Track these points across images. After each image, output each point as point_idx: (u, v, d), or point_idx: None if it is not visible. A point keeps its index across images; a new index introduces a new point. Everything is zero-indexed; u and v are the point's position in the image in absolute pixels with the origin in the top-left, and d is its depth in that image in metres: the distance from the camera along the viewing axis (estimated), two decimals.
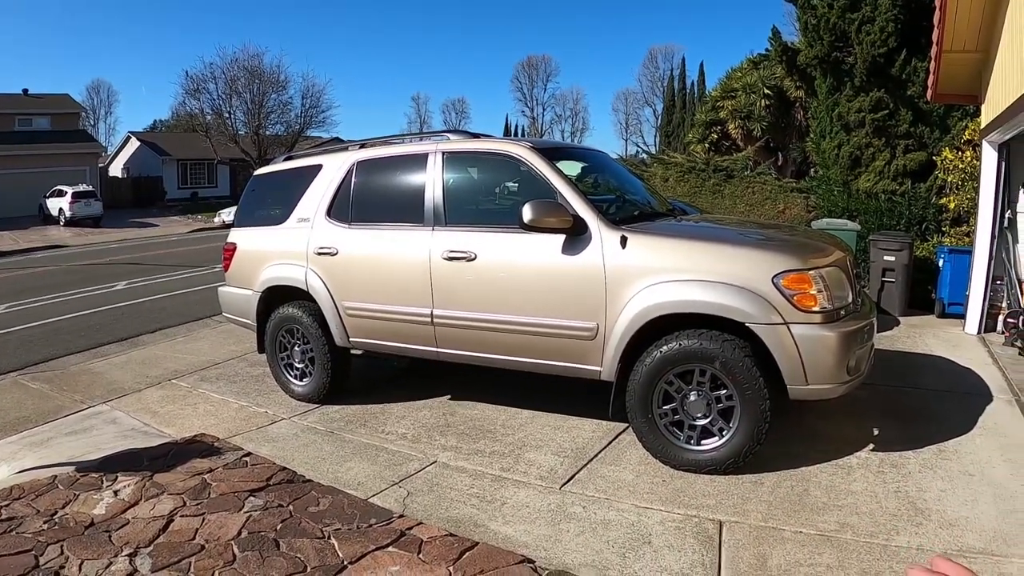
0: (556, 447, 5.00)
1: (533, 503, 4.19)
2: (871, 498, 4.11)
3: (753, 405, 4.25)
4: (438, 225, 5.34)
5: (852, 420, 5.37)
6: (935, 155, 10.57)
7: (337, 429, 5.58)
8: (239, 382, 7.08)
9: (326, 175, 6.13)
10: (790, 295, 4.15)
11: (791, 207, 12.87)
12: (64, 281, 16.41)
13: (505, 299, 5.00)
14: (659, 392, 4.50)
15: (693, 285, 4.32)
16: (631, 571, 3.44)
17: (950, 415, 5.44)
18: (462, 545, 3.64)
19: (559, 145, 6.35)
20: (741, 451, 4.33)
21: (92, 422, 6.09)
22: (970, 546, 3.57)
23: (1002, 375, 6.51)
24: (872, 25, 10.97)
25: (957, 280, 8.86)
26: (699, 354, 4.32)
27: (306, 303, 6.13)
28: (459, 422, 5.59)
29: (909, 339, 8.05)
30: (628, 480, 4.44)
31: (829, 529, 3.79)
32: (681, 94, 61.98)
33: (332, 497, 4.28)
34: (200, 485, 4.52)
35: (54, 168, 38.68)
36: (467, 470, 4.71)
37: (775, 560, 3.49)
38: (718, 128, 21.23)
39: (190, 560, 3.61)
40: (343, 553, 3.60)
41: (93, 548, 3.78)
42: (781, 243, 4.72)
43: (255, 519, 4.02)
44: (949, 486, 4.24)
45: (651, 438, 4.58)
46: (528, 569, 3.43)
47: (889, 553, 3.53)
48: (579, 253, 4.67)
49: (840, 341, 4.17)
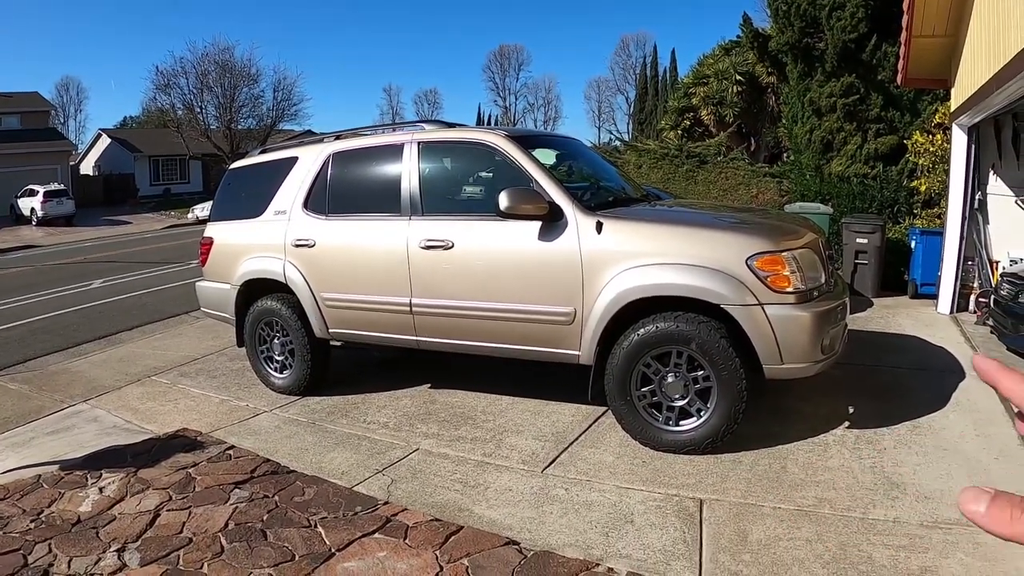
0: (537, 431, 5.06)
1: (516, 487, 4.25)
2: (847, 473, 4.20)
3: (730, 385, 4.32)
4: (415, 215, 5.37)
5: (828, 399, 5.45)
6: (906, 139, 10.70)
7: (319, 420, 5.60)
8: (219, 377, 7.08)
9: (302, 167, 6.14)
10: (764, 276, 4.22)
11: (764, 192, 13.00)
12: (38, 281, 16.27)
13: (483, 286, 5.04)
14: (637, 374, 4.56)
15: (668, 268, 4.38)
16: (614, 549, 3.50)
17: (924, 392, 5.52)
18: (447, 529, 3.70)
19: (533, 133, 6.39)
20: (719, 431, 4.41)
21: (73, 421, 6.07)
22: (946, 517, 3.63)
23: (974, 353, 6.55)
24: (843, 11, 11.07)
25: (929, 261, 8.98)
26: (676, 336, 4.38)
27: (285, 296, 6.13)
28: (440, 410, 5.64)
29: (883, 320, 8.18)
30: (609, 462, 4.51)
31: (807, 504, 3.86)
32: (653, 81, 62.04)
33: (317, 487, 4.32)
34: (185, 479, 4.54)
35: (25, 167, 38.12)
36: (449, 456, 4.76)
37: (755, 535, 3.57)
38: (691, 115, 21.26)
39: (178, 553, 3.64)
40: (330, 541, 3.65)
41: (81, 545, 3.79)
42: (754, 226, 4.80)
43: (241, 511, 4.05)
44: (924, 460, 4.32)
45: (631, 420, 4.65)
46: (513, 550, 3.49)
47: (866, 526, 3.61)
48: (555, 239, 4.72)
49: (814, 321, 4.25)
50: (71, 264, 19.66)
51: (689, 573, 3.28)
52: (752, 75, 19.68)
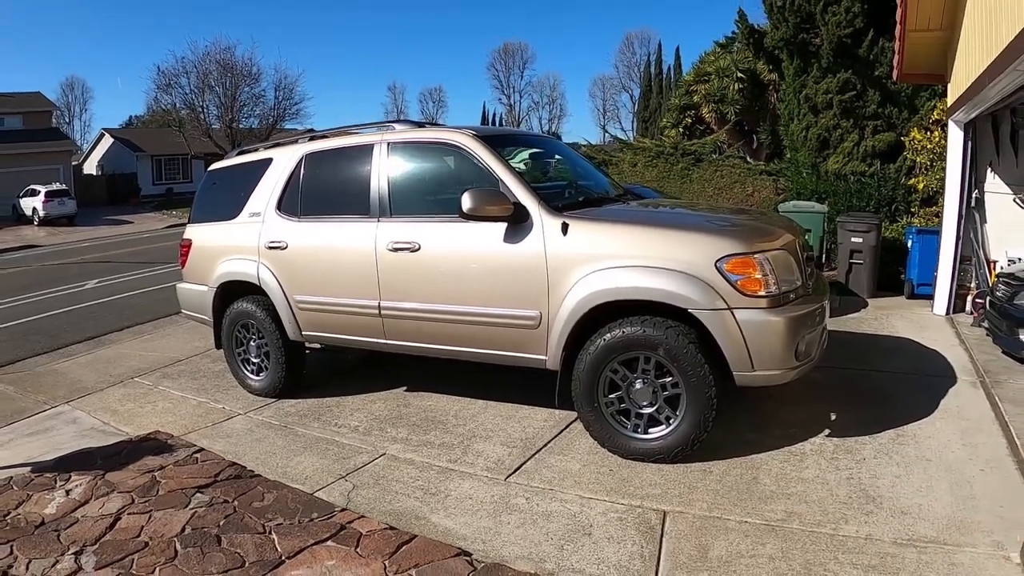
0: (506, 437, 5.03)
1: (477, 495, 4.21)
2: (822, 485, 4.10)
3: (699, 392, 4.25)
4: (383, 216, 5.34)
5: (809, 405, 5.35)
6: (904, 136, 10.61)
7: (291, 423, 5.59)
8: (200, 378, 7.09)
9: (276, 168, 6.13)
10: (734, 280, 4.14)
11: (760, 190, 12.92)
12: (35, 281, 16.37)
13: (449, 289, 5.00)
14: (604, 380, 4.51)
15: (635, 271, 4.32)
16: (568, 564, 3.45)
17: (911, 398, 5.42)
18: (400, 538, 3.66)
19: (504, 132, 6.35)
20: (688, 439, 4.33)
21: (53, 423, 6.10)
22: (921, 535, 3.54)
23: (968, 356, 6.49)
24: (838, 6, 11.00)
25: (926, 261, 8.85)
26: (643, 341, 4.32)
27: (259, 298, 6.13)
28: (412, 413, 5.62)
29: (876, 321, 8.07)
30: (574, 470, 4.46)
31: (775, 519, 3.77)
32: (658, 79, 62.16)
33: (277, 492, 4.30)
34: (149, 483, 4.53)
35: (27, 167, 38.29)
36: (415, 462, 4.72)
37: (716, 551, 3.49)
38: (692, 112, 21.16)
39: (133, 557, 3.64)
40: (281, 548, 3.62)
41: (41, 547, 3.82)
42: (725, 227, 4.72)
43: (199, 515, 4.04)
44: (904, 472, 4.23)
45: (598, 427, 4.59)
46: (464, 562, 3.44)
47: (836, 543, 3.50)
48: (520, 241, 4.67)
49: (787, 326, 4.16)
50: (69, 264, 19.77)
51: None
52: (753, 72, 19.57)
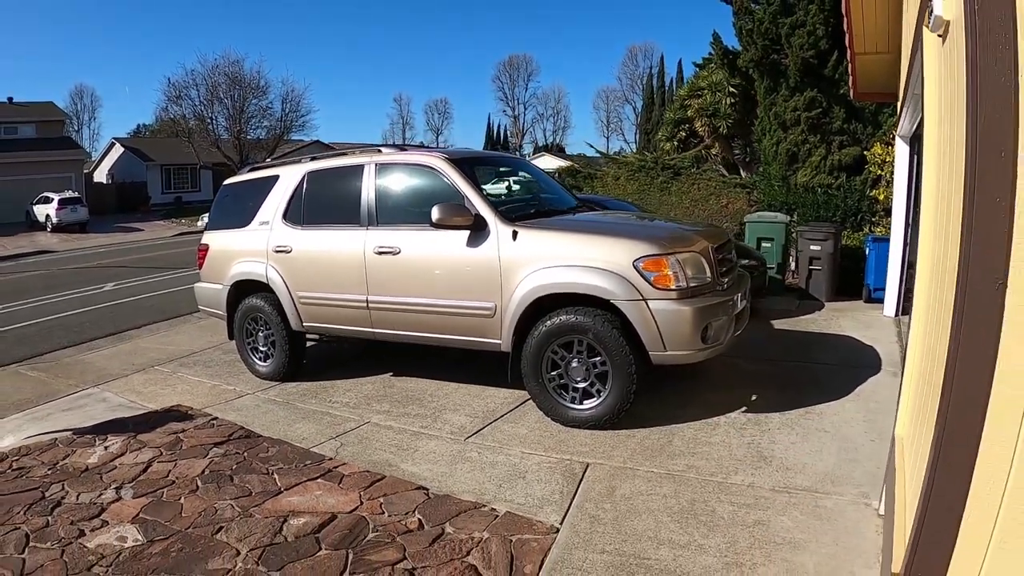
0: (471, 410, 5.99)
1: (439, 450, 5.18)
2: (724, 448, 4.88)
3: (622, 369, 5.20)
4: (371, 225, 6.35)
5: (736, 389, 6.14)
6: (867, 150, 11.36)
7: (292, 400, 6.56)
8: (213, 367, 8.04)
9: (283, 184, 7.15)
10: (648, 276, 5.10)
11: (734, 201, 13.67)
12: (55, 284, 17.18)
13: (423, 285, 6.00)
14: (547, 360, 5.49)
15: (569, 270, 5.31)
16: (502, 496, 4.38)
17: (832, 385, 6.10)
18: (374, 478, 4.67)
19: (475, 155, 7.26)
20: (615, 408, 5.28)
21: (85, 401, 7.02)
22: (797, 484, 4.26)
23: (900, 352, 7.01)
24: (803, 29, 11.79)
25: (881, 267, 9.42)
26: (575, 327, 5.30)
27: (267, 294, 7.12)
28: (395, 392, 6.59)
29: (826, 321, 8.78)
30: (522, 434, 5.41)
31: (676, 469, 4.57)
32: (660, 92, 62.87)
33: (279, 447, 5.31)
34: (174, 441, 5.53)
35: (40, 175, 39.34)
36: (393, 427, 5.71)
37: (622, 491, 4.35)
38: (686, 126, 21.87)
39: (163, 490, 4.64)
40: (281, 483, 4.63)
41: (88, 484, 4.79)
42: (647, 233, 5.70)
43: (216, 462, 5.04)
44: (800, 440, 4.95)
45: (542, 399, 5.58)
46: (421, 493, 4.44)
47: (722, 488, 4.28)
48: (479, 246, 5.68)
49: (694, 314, 5.09)
50: (85, 268, 20.65)
51: (556, 515, 4.09)
52: (745, 87, 20.29)
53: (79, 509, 4.40)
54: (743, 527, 3.83)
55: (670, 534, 3.80)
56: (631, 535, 3.81)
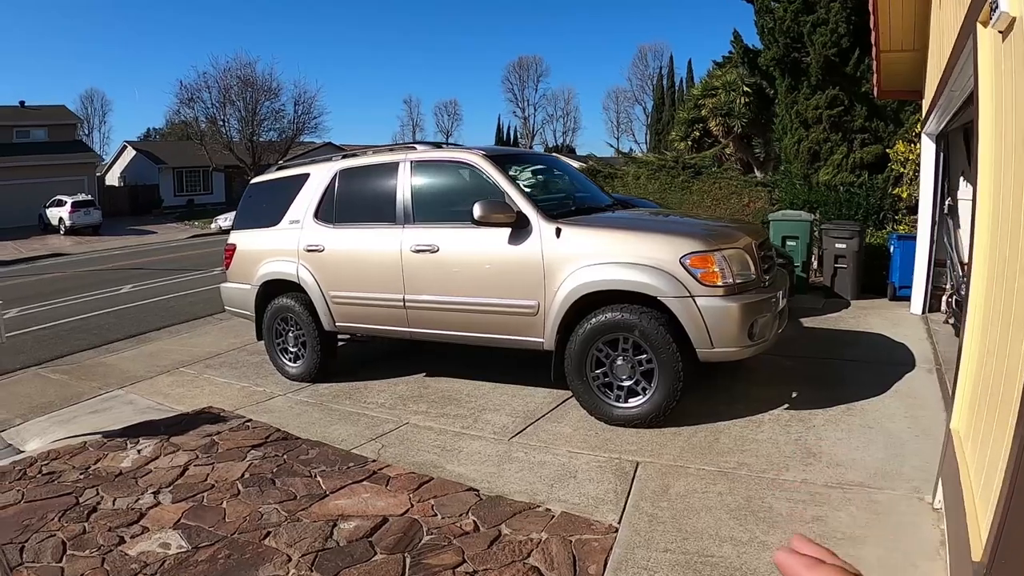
0: (511, 410, 5.87)
1: (484, 451, 5.06)
2: (772, 444, 4.86)
3: (668, 367, 5.09)
4: (408, 223, 6.23)
5: (776, 386, 6.09)
6: (889, 148, 11.20)
7: (325, 402, 6.45)
8: (240, 368, 7.94)
9: (313, 182, 7.02)
10: (695, 273, 5.00)
11: (755, 200, 13.62)
12: (72, 286, 17.20)
13: (463, 284, 5.88)
14: (591, 358, 5.36)
15: (615, 267, 5.19)
16: (555, 496, 4.28)
17: (869, 381, 6.05)
18: (421, 479, 4.54)
19: (511, 152, 7.21)
20: (661, 407, 5.17)
21: (111, 403, 6.93)
22: (849, 480, 4.22)
23: (932, 348, 7.12)
24: (825, 27, 11.67)
25: (906, 265, 9.34)
26: (621, 324, 5.18)
27: (298, 294, 7.00)
28: (431, 393, 6.46)
29: (854, 319, 8.73)
30: (566, 433, 5.30)
31: (728, 467, 4.55)
32: (670, 92, 62.77)
33: (319, 449, 5.18)
34: (209, 443, 5.41)
35: (52, 178, 39.45)
36: (433, 428, 5.59)
37: (676, 488, 4.30)
38: (700, 126, 21.73)
39: (203, 494, 4.51)
40: (326, 486, 4.50)
41: (123, 489, 4.67)
42: (691, 230, 5.58)
43: (255, 465, 4.92)
44: (846, 436, 4.91)
45: (586, 398, 5.45)
46: (472, 494, 4.31)
47: (776, 484, 4.25)
48: (522, 243, 5.56)
49: (741, 311, 4.99)
50: (100, 271, 20.69)
51: (613, 514, 4.02)
52: (759, 86, 20.23)
53: (117, 515, 4.28)
54: (802, 523, 3.79)
55: (731, 531, 3.75)
56: (692, 533, 3.77)
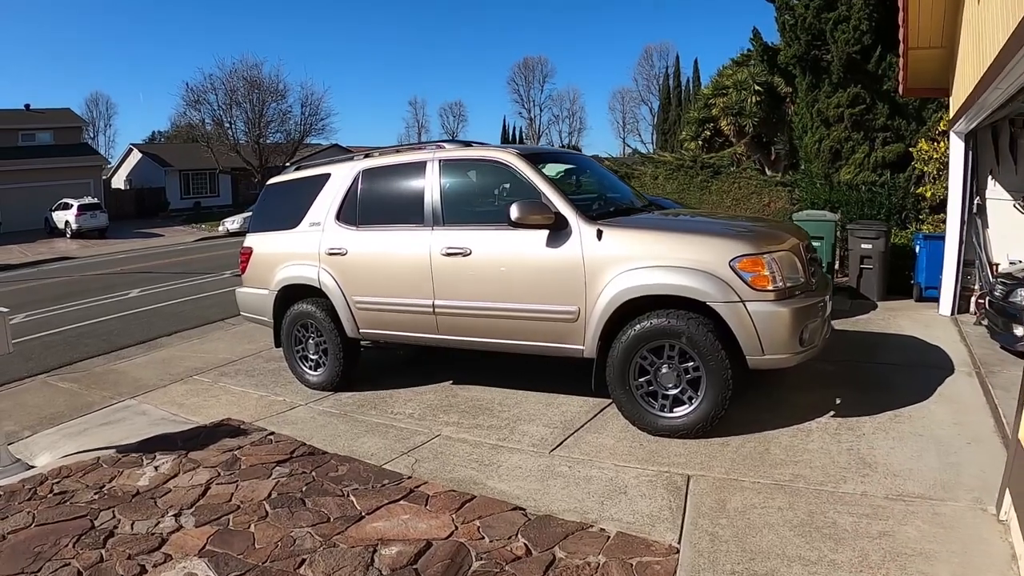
0: (547, 420, 5.58)
1: (525, 465, 4.78)
2: (825, 455, 4.63)
3: (717, 375, 4.81)
4: (437, 225, 5.93)
5: (817, 391, 5.86)
6: (912, 147, 11.01)
7: (350, 412, 6.17)
8: (257, 376, 7.66)
9: (334, 183, 6.73)
10: (745, 276, 4.72)
11: (776, 200, 13.37)
12: (79, 290, 16.99)
13: (497, 289, 5.59)
14: (635, 366, 5.08)
15: (660, 270, 4.91)
16: (608, 514, 4.01)
17: (911, 386, 5.87)
18: (463, 498, 4.24)
19: (544, 150, 6.96)
20: (708, 416, 4.90)
21: (123, 414, 6.67)
22: (910, 492, 4.05)
23: (967, 351, 6.97)
24: (847, 24, 11.44)
25: (933, 265, 9.24)
26: (667, 331, 4.89)
27: (319, 299, 6.70)
28: (460, 403, 6.18)
29: (883, 321, 8.53)
30: (609, 445, 5.02)
31: (784, 480, 4.32)
32: (676, 92, 62.69)
33: (349, 465, 4.88)
34: (231, 459, 5.11)
35: (58, 182, 39.32)
36: (468, 441, 5.30)
37: (733, 504, 4.04)
38: (710, 125, 21.53)
39: (228, 517, 4.21)
40: (361, 506, 4.20)
41: (142, 511, 4.37)
42: (738, 231, 5.29)
43: (283, 484, 4.62)
44: (898, 444, 4.73)
45: (629, 408, 5.16)
46: (519, 514, 4.01)
47: (835, 497, 4.05)
48: (561, 246, 5.27)
49: (792, 316, 4.73)
50: (107, 275, 20.46)
51: (672, 534, 3.76)
52: (771, 85, 19.90)
53: (136, 540, 3.99)
54: (869, 539, 3.61)
55: (797, 550, 3.55)
56: (757, 553, 3.55)
